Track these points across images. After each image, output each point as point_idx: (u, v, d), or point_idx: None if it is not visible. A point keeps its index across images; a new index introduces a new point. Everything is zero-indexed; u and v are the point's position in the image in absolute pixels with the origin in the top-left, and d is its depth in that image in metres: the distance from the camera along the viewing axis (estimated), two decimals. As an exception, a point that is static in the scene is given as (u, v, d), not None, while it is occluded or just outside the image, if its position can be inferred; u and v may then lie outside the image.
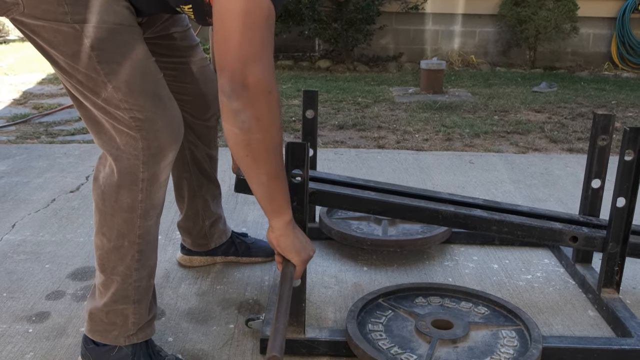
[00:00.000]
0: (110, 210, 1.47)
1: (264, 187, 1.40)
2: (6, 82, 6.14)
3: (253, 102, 1.28)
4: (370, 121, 4.64)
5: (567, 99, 5.65)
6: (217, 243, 2.20)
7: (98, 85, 1.39)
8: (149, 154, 1.43)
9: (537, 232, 1.90)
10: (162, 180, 1.49)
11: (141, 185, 1.45)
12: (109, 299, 1.54)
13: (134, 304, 1.55)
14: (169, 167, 1.50)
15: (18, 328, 1.85)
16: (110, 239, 1.49)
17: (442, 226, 2.08)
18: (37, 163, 3.40)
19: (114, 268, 1.52)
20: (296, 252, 1.49)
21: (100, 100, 1.41)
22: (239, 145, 1.32)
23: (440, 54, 7.78)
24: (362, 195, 1.92)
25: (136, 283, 1.54)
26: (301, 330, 1.72)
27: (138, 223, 1.48)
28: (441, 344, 1.65)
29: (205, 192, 2.09)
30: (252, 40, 1.26)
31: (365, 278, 2.19)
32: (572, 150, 3.97)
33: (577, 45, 7.88)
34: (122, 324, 1.56)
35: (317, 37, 7.58)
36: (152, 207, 1.49)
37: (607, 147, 2.05)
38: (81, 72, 1.39)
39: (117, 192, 1.45)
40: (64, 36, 1.36)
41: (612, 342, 1.72)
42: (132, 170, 1.43)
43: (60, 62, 1.41)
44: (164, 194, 1.53)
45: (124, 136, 1.42)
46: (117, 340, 1.57)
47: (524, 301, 2.05)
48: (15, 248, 2.37)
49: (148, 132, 1.42)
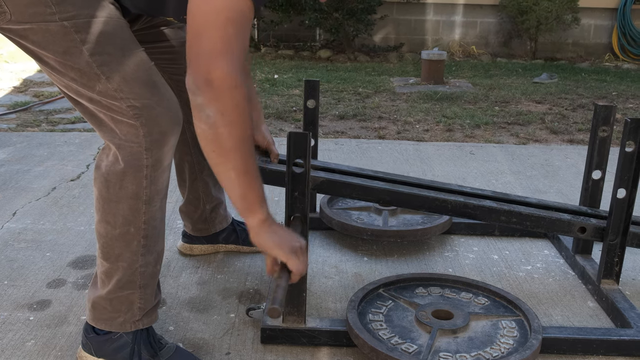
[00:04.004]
0: (114, 198, 1.47)
1: (234, 184, 1.36)
2: (6, 69, 6.13)
3: (217, 97, 1.27)
4: (370, 111, 4.63)
5: (568, 90, 5.64)
6: (217, 228, 2.21)
7: (92, 78, 1.39)
8: (151, 140, 1.43)
9: (545, 223, 1.91)
10: (166, 165, 1.50)
11: (145, 172, 1.45)
12: (114, 286, 1.53)
13: (140, 289, 1.55)
14: (171, 151, 1.50)
15: (19, 316, 1.85)
16: (115, 226, 1.49)
17: (452, 216, 2.09)
18: (37, 151, 3.40)
19: (119, 255, 1.51)
20: (278, 246, 1.43)
21: (96, 93, 1.41)
22: (206, 140, 1.32)
23: (441, 45, 7.76)
24: (373, 185, 1.93)
25: (142, 268, 1.53)
26: (302, 320, 1.72)
27: (143, 209, 1.48)
28: (441, 334, 1.66)
29: (206, 176, 2.10)
30: (222, 37, 1.26)
31: (365, 268, 2.19)
32: (573, 141, 3.97)
33: (578, 36, 7.86)
34: (128, 310, 1.55)
35: (317, 26, 7.56)
36: (156, 192, 1.50)
37: (607, 138, 2.05)
38: (74, 69, 1.39)
39: (121, 179, 1.45)
40: (53, 35, 1.37)
41: (611, 333, 1.73)
42: (136, 157, 1.44)
43: (51, 62, 1.41)
44: (167, 179, 1.53)
45: (124, 126, 1.42)
46: (123, 326, 1.56)
47: (524, 292, 2.06)
48: (16, 236, 2.37)
49: (147, 119, 1.42)
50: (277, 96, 5.13)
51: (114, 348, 1.57)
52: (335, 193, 1.97)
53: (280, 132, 4.01)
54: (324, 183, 1.92)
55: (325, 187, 1.93)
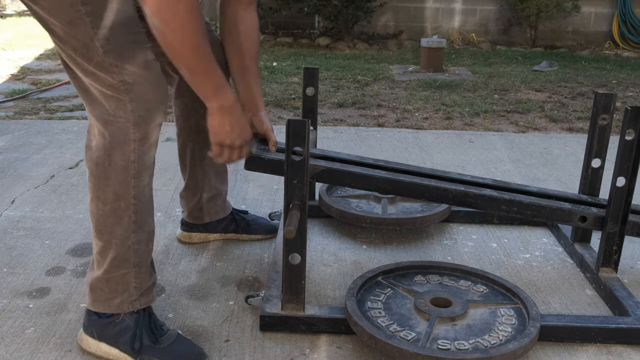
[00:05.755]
0: (104, 174, 1.52)
1: (189, 81, 1.59)
2: (4, 57, 6.11)
3: (159, 9, 1.43)
4: (370, 99, 4.62)
5: (568, 78, 5.63)
6: (212, 218, 2.21)
7: (91, 50, 1.45)
8: (138, 115, 1.49)
9: (546, 212, 1.91)
10: (153, 141, 1.55)
11: (133, 146, 1.51)
12: (109, 264, 1.56)
13: (135, 267, 1.58)
14: (158, 129, 1.56)
15: (18, 303, 1.85)
16: (106, 202, 1.53)
17: (452, 205, 2.09)
18: (35, 139, 3.40)
19: (111, 232, 1.55)
20: (217, 133, 1.68)
21: (92, 65, 1.47)
22: (160, 43, 1.49)
23: (440, 32, 7.73)
24: (373, 174, 1.92)
25: (135, 246, 1.57)
26: (301, 308, 1.73)
27: (132, 183, 1.53)
28: (440, 322, 1.66)
29: (207, 165, 2.10)
30: None
31: (364, 256, 2.20)
32: (572, 129, 3.96)
33: (578, 24, 7.83)
34: (124, 290, 1.58)
35: (316, 14, 7.53)
36: (144, 167, 1.55)
37: (607, 126, 2.05)
38: (76, 38, 1.45)
39: (110, 154, 1.50)
40: (61, 3, 1.43)
41: (609, 321, 1.74)
42: (124, 132, 1.49)
43: (57, 29, 1.46)
44: (154, 155, 1.59)
45: (113, 101, 1.48)
46: (120, 307, 1.59)
47: (523, 280, 2.06)
48: (15, 224, 2.37)
49: (136, 95, 1.49)
50: (276, 84, 5.11)
51: (116, 332, 1.59)
52: (336, 182, 1.96)
53: (279, 120, 4.00)
54: (323, 172, 1.91)
55: (325, 176, 1.92)
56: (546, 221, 1.89)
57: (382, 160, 2.06)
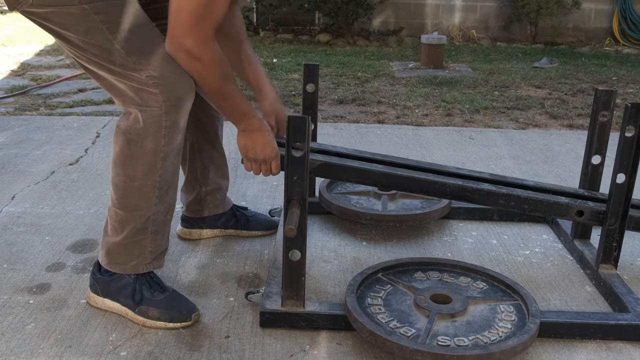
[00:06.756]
0: (135, 154, 1.65)
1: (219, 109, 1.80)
2: (4, 53, 6.10)
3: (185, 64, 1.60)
4: (370, 96, 4.62)
5: (568, 75, 5.62)
6: (211, 212, 2.21)
7: (113, 53, 1.57)
8: (170, 104, 1.62)
9: (543, 206, 1.91)
10: (182, 126, 1.69)
11: (164, 132, 1.64)
12: (128, 232, 1.71)
13: (152, 234, 1.73)
14: (186, 114, 1.69)
15: (19, 299, 1.86)
16: (135, 179, 1.66)
17: (450, 199, 2.09)
18: (35, 135, 3.39)
19: (136, 205, 1.69)
20: (243, 150, 1.81)
21: (117, 66, 1.59)
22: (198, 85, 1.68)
23: (440, 29, 7.72)
24: (370, 168, 1.92)
25: (154, 216, 1.71)
26: (301, 304, 1.73)
27: (159, 164, 1.67)
28: (440, 318, 1.66)
29: (206, 158, 2.11)
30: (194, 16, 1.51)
31: (364, 252, 2.20)
32: (572, 126, 3.96)
33: (578, 20, 7.82)
34: (140, 254, 1.74)
35: (317, 10, 7.52)
36: (171, 150, 1.68)
37: (607, 123, 2.05)
38: (96, 46, 1.57)
39: (143, 138, 1.63)
40: (75, 17, 1.53)
41: (609, 318, 1.74)
42: (157, 120, 1.62)
43: (74, 40, 1.57)
44: (182, 137, 1.73)
45: (144, 94, 1.60)
46: (136, 269, 1.76)
47: (522, 276, 2.06)
48: (15, 220, 2.37)
49: (165, 86, 1.60)
50: (276, 80, 5.11)
51: (117, 288, 1.76)
52: (333, 176, 1.96)
53: (279, 117, 3.99)
54: (321, 166, 1.91)
55: (322, 170, 1.92)
56: (543, 215, 1.88)
57: (380, 154, 2.06)
